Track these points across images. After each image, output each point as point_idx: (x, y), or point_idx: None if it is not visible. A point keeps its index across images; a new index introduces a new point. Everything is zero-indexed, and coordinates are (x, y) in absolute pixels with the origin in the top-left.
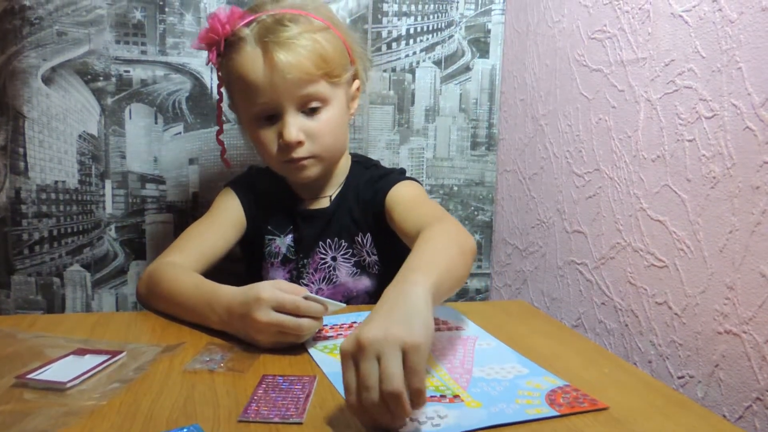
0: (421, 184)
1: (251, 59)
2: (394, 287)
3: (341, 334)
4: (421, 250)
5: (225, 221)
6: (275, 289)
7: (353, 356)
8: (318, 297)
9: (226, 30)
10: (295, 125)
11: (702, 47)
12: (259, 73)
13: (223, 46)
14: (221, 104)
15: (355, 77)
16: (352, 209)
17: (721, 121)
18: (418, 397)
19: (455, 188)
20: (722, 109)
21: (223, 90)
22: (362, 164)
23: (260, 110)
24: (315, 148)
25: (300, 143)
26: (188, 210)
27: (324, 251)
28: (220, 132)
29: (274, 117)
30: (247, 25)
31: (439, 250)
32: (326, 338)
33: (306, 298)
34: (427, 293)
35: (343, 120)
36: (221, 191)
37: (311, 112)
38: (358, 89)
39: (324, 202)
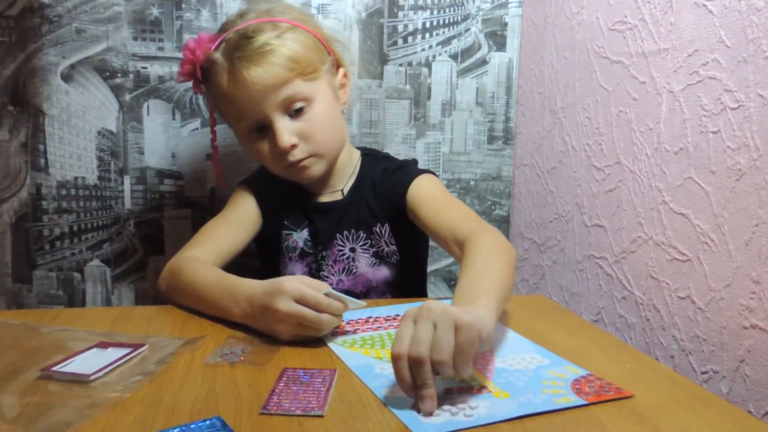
0: (437, 175)
1: (225, 79)
2: (462, 304)
3: (359, 329)
4: (479, 271)
5: (241, 218)
6: (298, 282)
7: (415, 318)
8: (339, 294)
9: (198, 58)
10: (285, 130)
11: (727, 37)
12: (235, 90)
13: (200, 74)
14: (215, 128)
15: (338, 66)
16: (369, 201)
17: (747, 112)
18: (459, 370)
19: (472, 182)
20: (748, 100)
21: (216, 115)
22: (373, 156)
23: (249, 125)
24: (311, 147)
25: (294, 146)
26: (206, 205)
27: (342, 243)
28: (215, 155)
29: (264, 128)
30: (217, 47)
31: (496, 273)
32: (345, 333)
33: (327, 294)
34: (495, 320)
35: (334, 112)
36: (235, 189)
37: (297, 113)
38: (345, 76)
39: (337, 195)
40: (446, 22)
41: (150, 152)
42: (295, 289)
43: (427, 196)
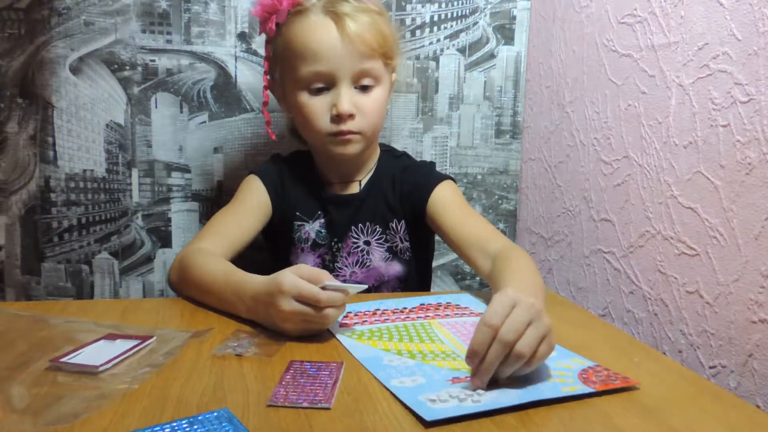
0: (455, 181)
1: (319, 27)
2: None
3: (366, 321)
4: (525, 280)
5: (251, 208)
6: (296, 277)
7: (513, 304)
8: (337, 284)
9: (291, 0)
10: (349, 97)
11: (738, 30)
12: (324, 40)
13: (285, 16)
14: (267, 76)
15: (394, 70)
16: (387, 196)
17: (758, 106)
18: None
19: (479, 177)
20: (759, 93)
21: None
22: (391, 153)
23: (315, 79)
24: (363, 125)
25: (351, 116)
26: (213, 198)
27: (357, 235)
28: (265, 104)
29: (325, 89)
30: None
31: (537, 283)
32: (352, 325)
33: (324, 287)
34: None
35: (386, 105)
36: (245, 179)
37: (363, 89)
38: (393, 82)
39: (354, 188)
40: (454, 15)
41: (158, 145)
42: (293, 287)
43: (451, 203)
